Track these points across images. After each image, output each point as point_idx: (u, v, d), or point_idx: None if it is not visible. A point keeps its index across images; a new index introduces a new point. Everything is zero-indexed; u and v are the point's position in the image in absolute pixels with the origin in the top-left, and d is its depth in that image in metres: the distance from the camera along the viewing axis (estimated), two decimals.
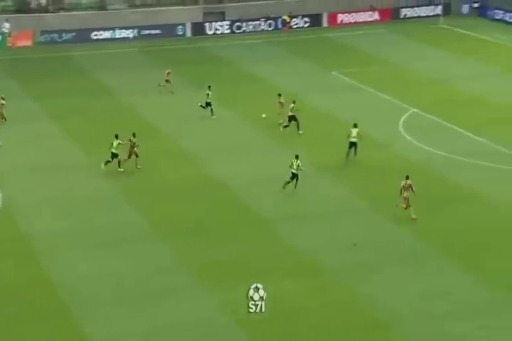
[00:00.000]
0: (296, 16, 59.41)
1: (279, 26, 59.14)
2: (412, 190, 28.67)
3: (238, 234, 28.10)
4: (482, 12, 61.46)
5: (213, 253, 26.69)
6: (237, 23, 58.45)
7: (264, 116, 38.04)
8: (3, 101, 39.46)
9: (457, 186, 31.55)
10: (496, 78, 45.99)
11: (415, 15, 61.94)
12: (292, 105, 37.20)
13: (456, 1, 62.33)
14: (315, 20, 59.77)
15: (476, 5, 61.95)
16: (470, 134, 37.03)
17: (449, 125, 38.39)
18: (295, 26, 59.41)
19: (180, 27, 57.36)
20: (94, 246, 27.29)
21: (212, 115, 39.89)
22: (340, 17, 60.51)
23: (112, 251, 26.97)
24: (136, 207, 30.19)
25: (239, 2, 59.79)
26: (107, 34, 56.20)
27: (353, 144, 33.87)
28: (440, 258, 26.17)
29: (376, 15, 61.10)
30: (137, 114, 40.87)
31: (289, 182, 31.09)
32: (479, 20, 60.00)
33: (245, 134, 38.02)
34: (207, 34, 57.83)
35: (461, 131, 37.49)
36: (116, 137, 33.12)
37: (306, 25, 59.62)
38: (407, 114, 40.23)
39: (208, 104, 39.76)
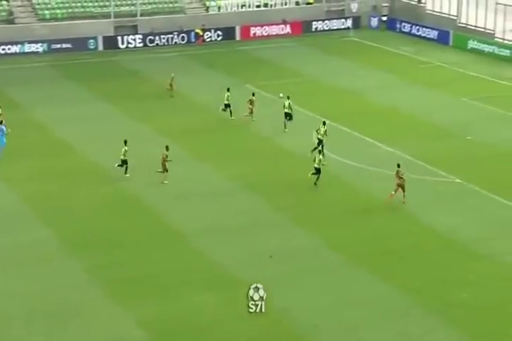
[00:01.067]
0: (209, 29, 59.53)
1: (193, 39, 59.17)
2: (403, 178, 30.66)
3: (153, 249, 27.83)
4: (390, 25, 62.85)
5: (128, 268, 26.35)
6: (150, 37, 58.17)
7: (281, 95, 41.27)
8: None
9: (369, 196, 32.05)
10: (405, 89, 46.99)
11: (326, 28, 62.90)
12: (288, 101, 39.38)
13: (365, 14, 63.61)
14: (228, 33, 60.01)
15: (384, 18, 63.32)
16: (381, 144, 37.72)
17: (360, 136, 39.00)
18: (208, 39, 59.51)
19: (92, 41, 56.72)
20: (4, 265, 26.58)
21: (231, 117, 41.10)
22: (253, 30, 60.91)
23: (24, 269, 26.33)
24: (48, 224, 29.61)
25: (151, 15, 59.61)
26: (15, 48, 55.13)
27: (320, 141, 35.31)
28: (354, 267, 26.46)
29: (288, 29, 61.79)
30: (48, 129, 40.18)
31: (315, 174, 32.57)
32: (388, 33, 61.31)
33: (159, 149, 37.70)
34: (119, 48, 57.32)
35: (372, 141, 38.15)
36: (125, 143, 33.54)
37: (219, 39, 59.78)
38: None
39: (227, 106, 41.11)
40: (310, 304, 24.32)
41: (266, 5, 62.42)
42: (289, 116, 38.87)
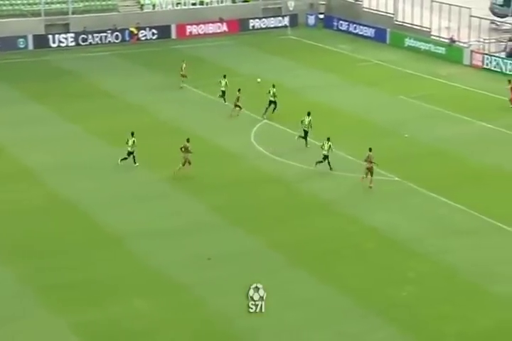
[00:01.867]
0: (143, 28, 59.14)
1: (127, 38, 58.68)
2: (374, 162, 31.98)
3: (88, 253, 27.50)
4: (328, 23, 63.32)
5: (61, 274, 25.98)
6: (83, 35, 57.51)
7: (259, 80, 43.20)
8: None
9: (309, 195, 32.22)
10: (343, 88, 47.37)
11: (263, 26, 63.06)
12: (273, 90, 40.92)
13: (302, 12, 63.96)
14: (163, 31, 59.67)
15: (321, 16, 63.78)
16: (319, 143, 37.90)
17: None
18: (143, 38, 59.09)
19: (22, 40, 55.79)
20: None
21: (225, 102, 42.91)
22: (189, 28, 60.72)
23: None
24: None
25: (83, 14, 58.91)
26: None
27: (305, 133, 36.66)
28: (294, 269, 26.54)
29: (225, 27, 61.76)
30: None
31: (321, 162, 33.94)
32: (325, 31, 61.77)
33: (94, 150, 37.39)
34: (51, 47, 56.50)
35: (312, 141, 38.36)
36: (132, 135, 34.18)
37: (154, 37, 59.42)
38: (258, 125, 40.79)
39: (224, 93, 42.43)
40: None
41: (202, 3, 62.26)
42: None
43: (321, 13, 64.11)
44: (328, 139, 34.23)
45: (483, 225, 29.44)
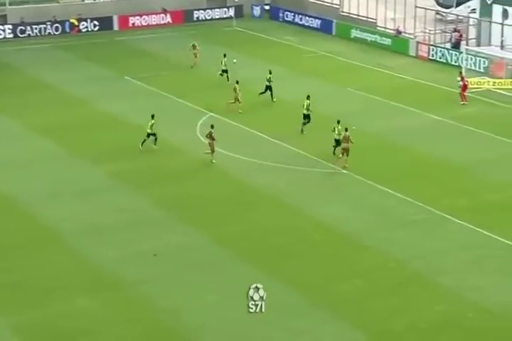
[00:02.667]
0: (84, 19, 58.45)
1: (67, 30, 57.91)
2: (350, 141, 33.14)
3: (28, 252, 27.06)
4: (273, 14, 63.36)
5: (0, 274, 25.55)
6: (21, 27, 56.57)
7: (234, 61, 44.84)
8: None
9: (257, 190, 32.18)
10: (290, 80, 47.38)
11: (208, 17, 62.83)
12: (269, 76, 42.56)
13: (247, 3, 63.87)
14: (105, 23, 59.06)
15: (267, 7, 63.77)
16: (266, 137, 37.96)
17: (246, 128, 39.15)
18: (84, 30, 58.43)
19: None
20: None
21: (228, 81, 44.75)
22: (132, 20, 60.21)
23: None
24: None
25: (21, 4, 57.91)
26: None
27: (306, 116, 37.52)
28: (241, 264, 26.49)
29: (168, 18, 61.35)
30: None
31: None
32: (271, 23, 61.77)
33: (33, 146, 36.84)
34: None
35: (258, 133, 38.36)
36: (152, 117, 35.40)
37: (96, 29, 58.79)
38: (204, 118, 40.62)
39: (225, 72, 43.20)
40: (196, 303, 24.20)
41: None
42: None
43: (267, 4, 64.13)
44: (338, 122, 34.83)
45: (430, 217, 29.74)
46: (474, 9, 54.73)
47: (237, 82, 41.63)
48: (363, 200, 31.38)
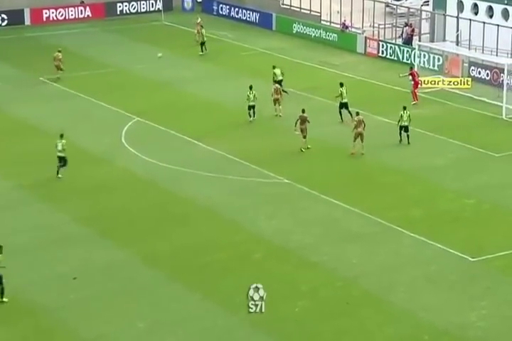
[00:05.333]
0: None
1: None
2: (308, 122, 36.77)
3: None
4: (206, 7, 63.76)
5: None
6: None
7: (159, 55, 45.84)
8: None
9: (188, 201, 32.40)
10: (225, 80, 47.80)
11: (133, 11, 62.95)
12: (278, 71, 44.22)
13: None
14: (15, 17, 58.77)
15: (199, 0, 64.19)
16: (199, 143, 38.22)
17: (176, 134, 39.36)
18: None
19: None
20: None
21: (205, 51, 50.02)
22: (46, 13, 60.05)
23: None
24: None
25: None
26: None
27: (343, 105, 40.31)
28: (173, 284, 26.62)
29: (88, 12, 61.27)
30: None
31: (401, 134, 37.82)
32: (204, 17, 61.94)
33: None
34: None
35: (189, 139, 38.59)
36: (250, 88, 40.18)
37: (3, 24, 58.55)
38: (129, 123, 40.72)
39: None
40: (123, 331, 24.24)
41: None
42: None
43: None
44: (405, 108, 37.36)
45: (379, 229, 30.28)
46: (427, 1, 55.96)
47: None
48: (307, 212, 31.82)
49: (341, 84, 40.84)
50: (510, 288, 26.48)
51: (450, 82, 45.64)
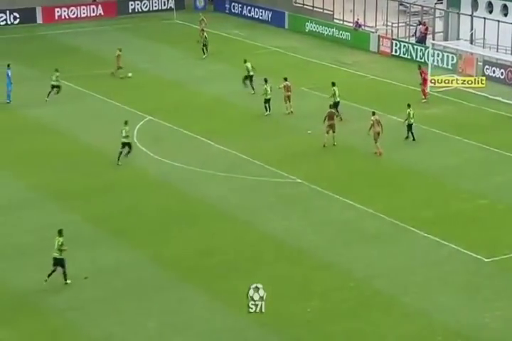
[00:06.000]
0: (3, 11, 58.21)
1: None
2: (336, 116, 37.82)
3: None
4: (218, 6, 63.76)
5: None
6: None
7: (129, 74, 45.28)
8: None
9: (200, 201, 32.38)
10: (238, 79, 47.67)
11: (145, 9, 63.01)
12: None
13: None
14: (27, 15, 58.89)
15: None
16: (212, 143, 38.20)
17: (189, 133, 39.34)
18: (2, 23, 58.23)
19: None
20: None
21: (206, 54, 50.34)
22: (58, 12, 60.14)
23: None
24: None
25: None
26: None
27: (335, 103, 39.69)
28: (184, 285, 26.58)
29: (100, 10, 61.35)
30: None
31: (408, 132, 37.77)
32: (216, 15, 62.12)
33: None
34: None
35: (203, 139, 38.57)
36: (266, 82, 40.23)
37: (16, 22, 58.59)
38: (141, 123, 40.73)
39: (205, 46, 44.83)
40: (133, 331, 24.26)
41: None
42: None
43: None
44: (409, 105, 37.17)
45: (393, 230, 30.22)
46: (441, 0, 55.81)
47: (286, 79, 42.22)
48: (320, 213, 31.76)
49: (333, 84, 40.57)
50: None
51: (464, 81, 45.40)
